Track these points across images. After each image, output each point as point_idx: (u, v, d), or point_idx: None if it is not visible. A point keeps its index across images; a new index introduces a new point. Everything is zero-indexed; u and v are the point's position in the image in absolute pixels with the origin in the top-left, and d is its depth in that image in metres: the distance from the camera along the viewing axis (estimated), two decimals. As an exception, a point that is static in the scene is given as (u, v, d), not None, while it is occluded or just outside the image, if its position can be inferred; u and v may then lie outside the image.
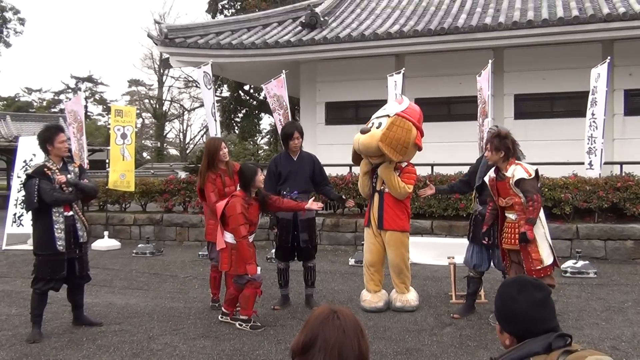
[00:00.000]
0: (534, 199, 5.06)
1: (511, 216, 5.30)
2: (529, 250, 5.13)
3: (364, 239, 6.35)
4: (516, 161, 5.28)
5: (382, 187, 6.02)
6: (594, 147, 8.96)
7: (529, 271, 5.13)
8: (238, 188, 5.66)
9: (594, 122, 8.95)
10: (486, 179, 5.51)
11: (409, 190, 5.96)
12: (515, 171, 5.18)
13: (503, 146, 5.22)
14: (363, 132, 5.81)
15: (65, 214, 5.31)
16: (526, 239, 5.06)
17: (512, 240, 5.26)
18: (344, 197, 6.86)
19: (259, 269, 5.54)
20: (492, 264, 5.93)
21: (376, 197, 6.07)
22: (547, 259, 5.16)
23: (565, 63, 11.96)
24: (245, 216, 5.36)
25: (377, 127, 5.79)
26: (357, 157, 6.15)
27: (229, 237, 5.48)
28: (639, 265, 8.36)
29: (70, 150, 11.67)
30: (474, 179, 6.05)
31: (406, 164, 6.00)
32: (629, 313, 5.90)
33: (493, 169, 5.42)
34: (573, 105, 12.24)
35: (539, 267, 5.11)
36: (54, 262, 5.26)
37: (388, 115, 5.85)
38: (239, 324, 5.52)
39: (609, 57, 9.28)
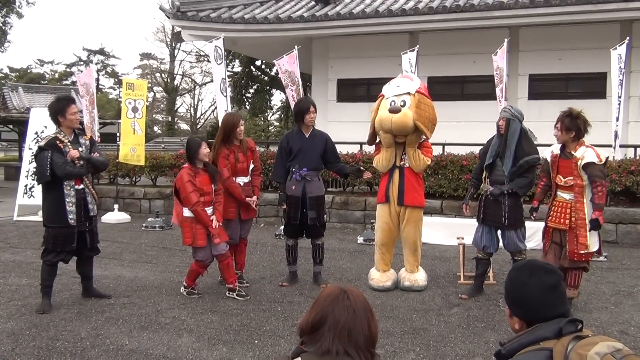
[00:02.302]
0: (602, 184, 5.07)
1: (565, 196, 5.28)
2: (577, 234, 5.15)
3: (377, 217, 6.26)
4: (586, 144, 5.24)
5: (402, 163, 5.98)
6: (616, 130, 8.86)
7: (571, 253, 5.19)
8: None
9: (619, 104, 8.81)
10: (547, 153, 5.47)
11: (429, 162, 6.07)
12: (586, 153, 5.14)
13: (574, 126, 5.17)
14: (393, 111, 5.69)
15: (76, 187, 5.32)
16: (599, 225, 5.10)
17: (562, 220, 5.26)
18: (361, 167, 6.72)
19: (214, 222, 5.62)
20: (501, 245, 5.92)
21: (396, 172, 6.00)
22: (593, 246, 5.18)
23: (582, 43, 11.76)
24: (193, 184, 5.50)
25: (402, 106, 5.75)
26: (373, 137, 6.09)
27: (187, 212, 5.58)
28: (650, 250, 8.30)
29: (82, 123, 11.72)
30: (484, 158, 5.98)
31: (423, 139, 6.02)
32: (638, 297, 5.88)
33: (559, 145, 5.36)
34: (589, 86, 12.06)
35: (583, 252, 5.16)
36: (64, 234, 5.28)
37: (409, 93, 5.81)
38: (228, 293, 5.80)
39: (627, 38, 9.10)
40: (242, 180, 6.10)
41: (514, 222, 5.72)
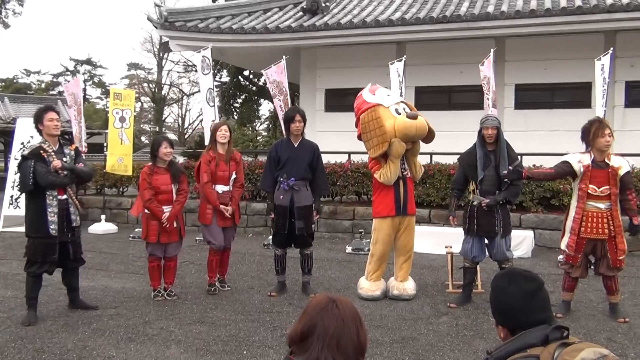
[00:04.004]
0: (634, 191, 5.28)
1: (600, 205, 5.31)
2: (616, 241, 5.26)
3: (378, 230, 6.10)
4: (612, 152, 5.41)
5: (405, 173, 6.02)
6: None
7: (614, 261, 5.30)
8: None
9: (603, 113, 8.90)
10: (574, 162, 5.37)
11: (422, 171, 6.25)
12: (622, 162, 5.27)
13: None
14: (412, 117, 5.72)
15: (59, 197, 5.26)
16: (639, 229, 5.27)
17: (601, 230, 5.30)
18: (315, 218, 6.37)
19: (165, 214, 5.85)
20: (487, 254, 5.97)
21: (401, 183, 6.01)
22: (626, 249, 5.38)
23: (567, 53, 11.90)
24: (148, 182, 5.84)
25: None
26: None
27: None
28: (636, 257, 8.36)
29: (70, 134, 11.65)
30: (470, 172, 5.92)
31: None
32: (625, 305, 5.90)
33: (584, 155, 5.36)
34: (574, 95, 12.21)
35: (622, 257, 5.29)
36: (46, 245, 5.22)
37: (402, 101, 6.02)
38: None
39: (611, 48, 9.22)
40: (220, 188, 6.22)
41: (505, 230, 5.84)
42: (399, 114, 5.80)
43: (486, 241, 5.92)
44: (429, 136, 5.94)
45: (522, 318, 2.04)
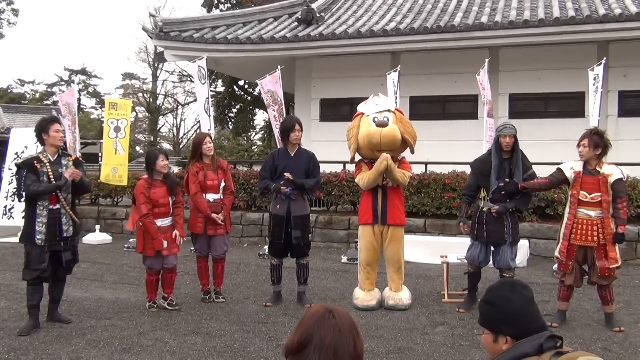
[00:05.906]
0: (626, 200, 5.29)
1: (591, 213, 5.34)
2: (607, 249, 5.28)
3: (360, 237, 6.24)
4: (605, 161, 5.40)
5: (385, 182, 6.01)
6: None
7: (602, 269, 5.29)
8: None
9: (596, 123, 8.94)
10: (566, 169, 5.47)
11: (409, 174, 6.16)
12: (613, 170, 5.31)
13: (602, 144, 5.30)
14: (381, 125, 5.77)
15: (50, 207, 5.26)
16: (623, 238, 5.28)
17: (589, 237, 5.33)
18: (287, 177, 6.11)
19: (165, 243, 5.85)
20: (491, 261, 5.99)
21: (380, 192, 6.03)
22: (620, 259, 5.37)
23: (561, 63, 11.98)
24: (146, 195, 5.76)
25: (387, 121, 5.88)
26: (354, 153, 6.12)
27: None
28: (631, 267, 8.39)
29: (65, 143, 11.61)
30: (482, 180, 5.93)
31: (401, 156, 6.13)
32: (620, 314, 5.91)
33: (578, 162, 5.41)
34: (568, 105, 12.27)
35: (614, 266, 5.29)
36: (34, 254, 5.23)
37: (389, 110, 5.99)
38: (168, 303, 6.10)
39: (604, 58, 9.29)
40: (211, 196, 6.27)
41: (514, 239, 5.89)
42: (375, 122, 5.88)
43: (492, 247, 5.95)
44: (407, 147, 5.97)
45: (530, 323, 2.06)
